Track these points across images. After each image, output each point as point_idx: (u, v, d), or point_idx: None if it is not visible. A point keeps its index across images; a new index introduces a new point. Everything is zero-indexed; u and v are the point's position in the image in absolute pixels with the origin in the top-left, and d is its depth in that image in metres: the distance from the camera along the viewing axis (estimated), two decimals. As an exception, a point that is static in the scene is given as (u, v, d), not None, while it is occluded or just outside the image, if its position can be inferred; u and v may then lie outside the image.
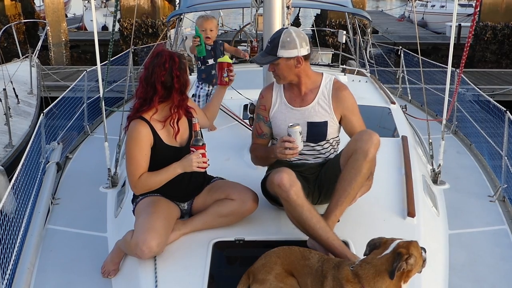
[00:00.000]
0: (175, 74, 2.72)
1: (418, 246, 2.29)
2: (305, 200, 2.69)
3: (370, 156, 2.75)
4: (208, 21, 4.38)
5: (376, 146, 2.77)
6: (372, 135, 2.78)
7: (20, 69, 9.33)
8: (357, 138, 2.82)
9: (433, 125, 5.00)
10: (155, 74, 2.71)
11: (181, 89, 2.76)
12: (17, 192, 3.79)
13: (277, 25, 3.48)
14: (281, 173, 2.69)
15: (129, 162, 2.77)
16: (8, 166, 6.02)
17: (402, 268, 2.20)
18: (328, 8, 10.87)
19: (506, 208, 3.86)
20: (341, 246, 2.65)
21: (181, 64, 2.75)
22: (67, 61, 17.30)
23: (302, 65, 2.90)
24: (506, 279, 3.01)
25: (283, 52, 2.86)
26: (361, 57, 7.61)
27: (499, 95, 11.25)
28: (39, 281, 2.95)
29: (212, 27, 4.40)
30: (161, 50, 2.79)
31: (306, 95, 3.00)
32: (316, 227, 2.65)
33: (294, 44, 2.84)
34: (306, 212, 2.66)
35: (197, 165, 2.72)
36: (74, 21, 25.14)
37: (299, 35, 2.88)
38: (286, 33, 2.87)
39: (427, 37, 20.67)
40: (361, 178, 2.78)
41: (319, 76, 3.04)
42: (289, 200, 2.67)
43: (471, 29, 3.83)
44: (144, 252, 2.60)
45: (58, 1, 17.04)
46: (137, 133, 2.73)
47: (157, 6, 17.71)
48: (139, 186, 2.79)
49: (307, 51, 2.90)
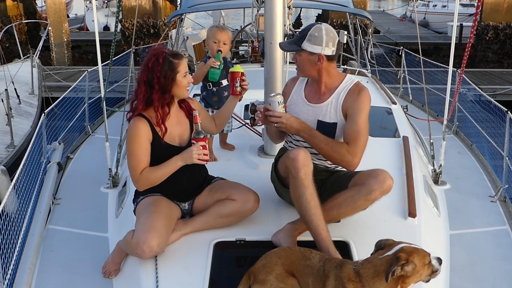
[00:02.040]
0: (156, 75, 2.71)
1: (425, 256, 2.27)
2: (311, 183, 2.72)
3: (372, 198, 2.74)
4: (223, 33, 3.90)
5: (383, 192, 2.75)
6: (386, 180, 2.75)
7: (22, 69, 9.34)
8: (372, 174, 2.78)
9: (434, 126, 5.00)
10: (141, 73, 2.75)
11: (163, 88, 2.74)
12: (18, 192, 3.80)
13: (278, 25, 3.48)
14: (299, 150, 2.75)
15: (130, 157, 2.79)
16: (10, 166, 6.03)
17: (396, 273, 2.19)
18: (329, 8, 10.86)
19: (507, 209, 3.86)
20: (327, 238, 2.66)
21: (164, 65, 2.72)
22: (69, 61, 17.30)
23: (323, 64, 2.90)
24: (507, 279, 3.01)
25: (307, 46, 2.87)
26: (362, 57, 7.61)
27: (501, 95, 11.24)
28: (40, 281, 2.95)
29: (226, 40, 3.90)
30: (153, 49, 2.80)
31: (324, 93, 3.00)
32: (311, 212, 2.69)
33: (320, 41, 2.84)
34: (308, 194, 2.70)
35: (198, 157, 2.71)
36: (76, 21, 25.17)
37: (328, 33, 2.86)
38: (316, 28, 2.86)
39: (428, 37, 20.64)
40: (352, 211, 2.81)
41: (341, 77, 3.02)
42: (297, 177, 2.70)
43: (473, 29, 3.82)
44: (145, 252, 2.61)
45: (59, 1, 17.03)
46: (136, 129, 2.74)
47: (158, 6, 17.70)
48: (141, 181, 2.80)
49: (332, 52, 2.88)
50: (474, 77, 11.96)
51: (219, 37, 3.88)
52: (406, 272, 2.21)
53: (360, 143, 2.85)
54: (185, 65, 2.82)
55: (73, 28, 21.65)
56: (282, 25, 3.51)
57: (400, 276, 2.22)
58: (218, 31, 3.91)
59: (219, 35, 3.88)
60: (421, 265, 2.24)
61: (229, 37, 3.95)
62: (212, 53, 3.89)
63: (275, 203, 3.21)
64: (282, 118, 2.81)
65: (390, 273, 2.18)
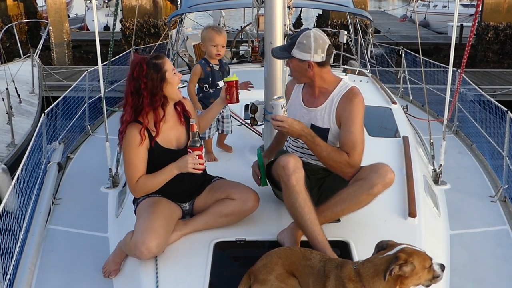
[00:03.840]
0: (142, 81, 2.71)
1: (426, 259, 2.26)
2: (303, 189, 2.73)
3: (375, 192, 2.74)
4: (221, 36, 3.82)
5: (385, 185, 2.75)
6: (388, 173, 2.75)
7: (22, 68, 9.35)
8: (373, 168, 2.78)
9: (434, 125, 5.00)
10: (127, 86, 2.76)
11: (152, 92, 2.73)
12: (19, 192, 3.80)
13: (278, 25, 3.47)
14: (289, 157, 2.76)
15: (126, 166, 2.79)
16: (11, 165, 6.03)
17: (393, 271, 2.19)
18: (329, 8, 10.86)
19: (507, 209, 3.86)
20: (324, 242, 2.67)
21: (149, 70, 2.71)
22: (69, 61, 17.30)
23: (314, 70, 2.88)
24: (507, 279, 3.01)
25: (296, 53, 2.86)
26: (362, 57, 7.60)
27: (501, 95, 11.24)
28: (40, 281, 2.96)
29: (224, 43, 3.85)
30: (133, 59, 2.80)
31: (318, 97, 2.99)
32: (305, 217, 2.70)
33: (308, 48, 2.82)
34: (300, 200, 2.71)
35: (193, 167, 2.70)
36: (76, 21, 25.14)
37: (317, 40, 2.83)
38: (305, 35, 2.84)
39: (429, 37, 20.62)
40: (355, 206, 2.80)
41: (336, 81, 2.99)
42: (288, 184, 2.72)
43: (472, 29, 3.83)
44: (143, 253, 2.61)
45: (60, 1, 17.02)
46: (133, 137, 2.73)
47: (159, 6, 17.69)
48: (138, 189, 2.81)
49: (321, 58, 2.85)
50: (474, 77, 11.95)
51: (217, 41, 3.80)
52: (404, 272, 2.21)
53: (358, 152, 2.84)
54: (170, 63, 2.82)
55: (73, 28, 21.64)
56: (282, 25, 3.50)
57: (398, 276, 2.22)
58: (216, 34, 3.80)
59: (217, 39, 3.80)
60: (420, 267, 2.23)
61: (226, 38, 3.88)
62: (209, 55, 3.85)
63: (275, 203, 3.21)
64: (284, 122, 2.78)
65: (388, 272, 2.18)
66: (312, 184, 3.09)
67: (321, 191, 3.07)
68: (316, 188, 3.09)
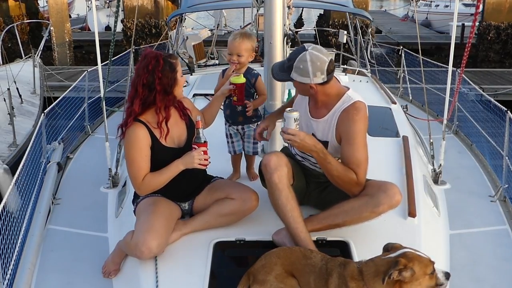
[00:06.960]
0: (157, 76, 2.70)
1: (428, 266, 2.24)
2: (285, 187, 2.74)
3: (380, 211, 2.73)
4: (233, 43, 3.30)
5: (391, 206, 2.73)
6: (396, 195, 2.72)
7: (24, 69, 9.36)
8: (382, 187, 2.74)
9: (434, 125, 4.99)
10: (139, 77, 2.73)
11: (165, 89, 2.74)
12: (19, 192, 3.80)
13: (278, 25, 3.47)
14: (270, 155, 2.79)
15: (130, 165, 2.77)
16: (13, 165, 6.04)
17: (392, 276, 2.18)
18: (328, 8, 10.86)
19: (507, 208, 3.86)
20: (306, 239, 2.69)
21: (165, 66, 2.72)
22: (71, 61, 17.30)
23: (316, 90, 2.77)
24: (507, 279, 3.01)
25: (296, 76, 2.74)
26: (362, 57, 7.60)
27: (502, 94, 11.24)
28: (40, 281, 2.96)
29: (242, 51, 3.29)
30: (148, 52, 2.79)
31: (320, 109, 2.89)
32: (288, 215, 2.73)
33: (306, 73, 2.69)
34: (283, 198, 2.73)
35: (199, 162, 2.74)
36: (78, 21, 25.14)
37: (314, 63, 2.67)
38: (300, 60, 2.69)
39: (430, 37, 20.60)
40: (357, 220, 2.79)
41: (340, 94, 2.84)
42: (270, 182, 2.75)
43: (472, 29, 3.82)
44: (144, 253, 2.61)
45: (61, 1, 17.02)
46: (135, 136, 2.73)
47: (160, 6, 17.70)
48: (143, 188, 2.80)
49: (322, 79, 2.72)
50: (475, 77, 11.96)
51: (232, 49, 3.31)
52: (403, 277, 2.19)
53: (364, 170, 2.77)
54: (180, 64, 2.84)
55: (75, 28, 21.63)
56: (281, 25, 3.51)
57: (397, 281, 2.21)
58: (232, 40, 3.32)
59: (232, 46, 3.31)
60: (421, 273, 2.21)
61: (248, 47, 3.33)
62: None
63: (275, 203, 3.20)
64: (296, 136, 2.66)
65: (386, 276, 2.17)
66: (311, 187, 3.10)
67: (325, 195, 3.06)
68: (316, 191, 3.09)
